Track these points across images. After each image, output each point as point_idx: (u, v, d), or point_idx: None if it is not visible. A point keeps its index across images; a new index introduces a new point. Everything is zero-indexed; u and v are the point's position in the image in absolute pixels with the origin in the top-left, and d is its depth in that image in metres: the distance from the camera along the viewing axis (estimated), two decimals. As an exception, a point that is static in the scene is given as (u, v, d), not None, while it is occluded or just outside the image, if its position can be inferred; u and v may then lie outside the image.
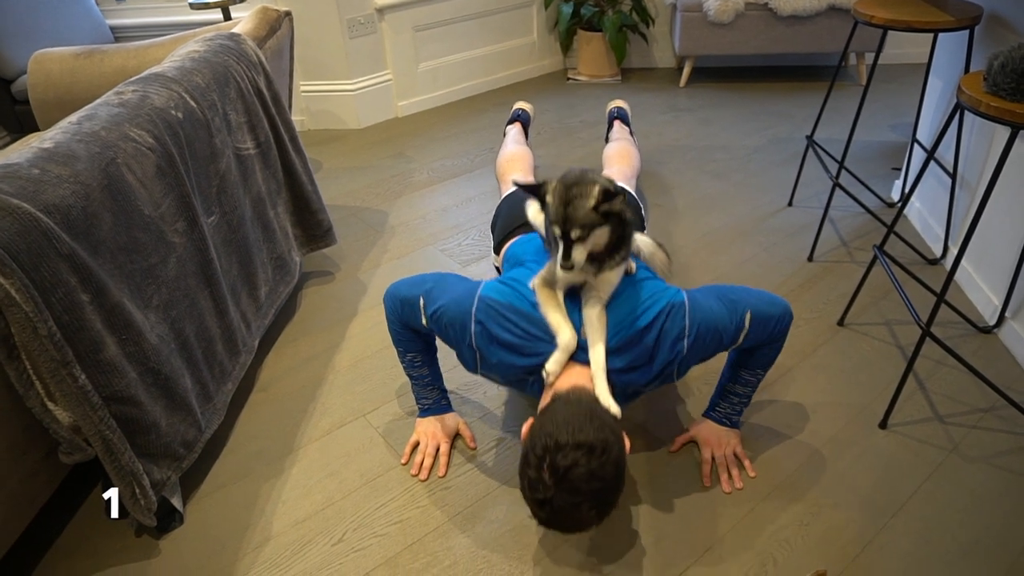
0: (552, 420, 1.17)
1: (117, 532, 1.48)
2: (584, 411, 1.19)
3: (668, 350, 1.33)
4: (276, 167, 1.97)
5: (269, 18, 2.08)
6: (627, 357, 1.33)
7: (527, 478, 1.16)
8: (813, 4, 3.36)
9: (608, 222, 1.25)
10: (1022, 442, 1.56)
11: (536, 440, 1.16)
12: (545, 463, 1.13)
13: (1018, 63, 1.30)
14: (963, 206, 2.07)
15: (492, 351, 1.37)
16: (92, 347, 1.19)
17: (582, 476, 1.11)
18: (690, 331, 1.33)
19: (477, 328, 1.36)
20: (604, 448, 1.14)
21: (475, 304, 1.37)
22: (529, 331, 1.34)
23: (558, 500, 1.12)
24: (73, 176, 1.21)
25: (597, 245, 1.28)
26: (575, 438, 1.13)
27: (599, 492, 1.14)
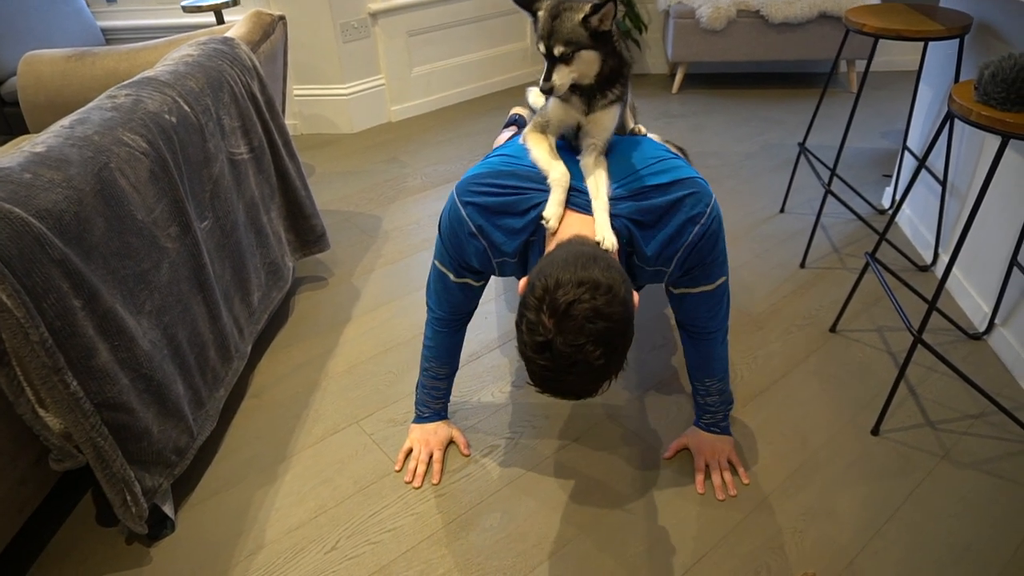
0: (552, 261, 1.05)
1: (108, 539, 1.46)
2: (587, 252, 1.07)
3: (679, 226, 1.24)
4: (270, 172, 1.96)
5: (263, 22, 2.08)
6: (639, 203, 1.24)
7: (525, 321, 1.03)
8: (804, 12, 3.38)
9: (597, 46, 1.17)
10: (1012, 448, 1.57)
11: (535, 281, 1.04)
12: (544, 303, 1.01)
13: (1008, 73, 1.31)
14: (953, 214, 2.09)
15: (491, 224, 1.27)
16: (84, 353, 1.18)
17: (585, 312, 0.99)
18: (706, 220, 1.24)
19: (468, 210, 1.27)
20: (610, 286, 1.02)
21: (454, 195, 1.30)
22: (519, 185, 1.25)
23: (559, 342, 1.00)
24: (66, 181, 1.20)
25: (584, 73, 1.20)
26: (577, 275, 1.01)
27: (605, 332, 1.00)
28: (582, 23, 1.16)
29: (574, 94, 1.25)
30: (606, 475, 1.56)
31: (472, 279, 1.43)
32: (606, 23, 1.17)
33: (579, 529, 1.44)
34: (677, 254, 1.28)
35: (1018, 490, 1.47)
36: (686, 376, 1.83)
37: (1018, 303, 1.75)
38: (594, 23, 1.16)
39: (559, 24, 1.16)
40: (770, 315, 2.04)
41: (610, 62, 1.21)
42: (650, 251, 1.27)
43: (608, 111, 1.26)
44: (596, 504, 1.49)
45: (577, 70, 1.19)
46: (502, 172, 1.28)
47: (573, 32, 1.15)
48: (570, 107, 1.26)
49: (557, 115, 1.29)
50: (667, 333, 1.99)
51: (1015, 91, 1.30)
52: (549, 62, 1.18)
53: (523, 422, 1.71)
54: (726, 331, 1.47)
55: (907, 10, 2.01)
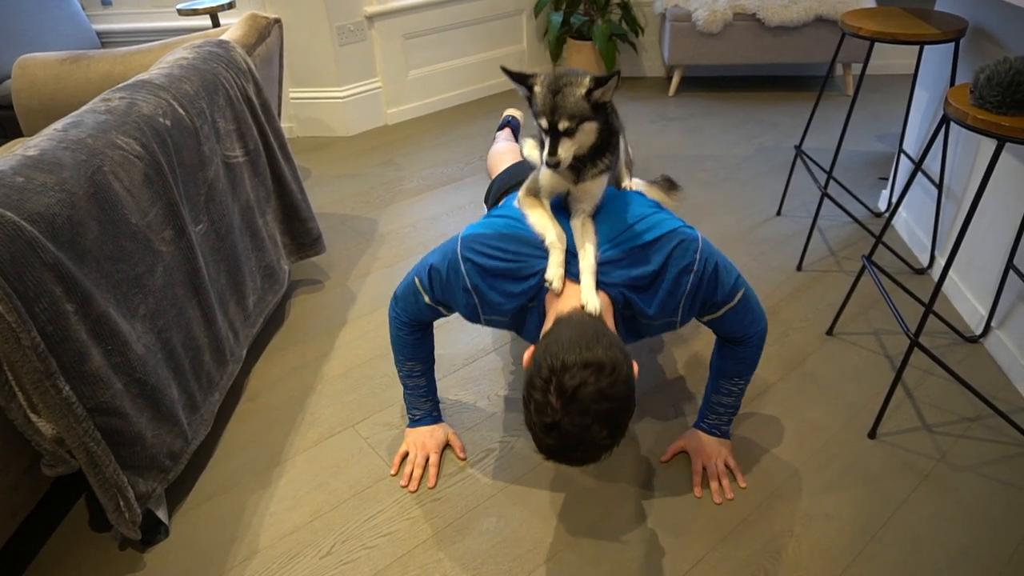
0: (556, 341, 1.10)
1: (101, 545, 1.45)
2: (590, 330, 1.11)
3: (674, 280, 1.27)
4: (265, 175, 1.96)
5: (258, 25, 2.07)
6: (629, 270, 1.27)
7: (533, 402, 1.08)
8: (801, 15, 3.39)
9: (597, 117, 1.19)
10: (1008, 451, 1.57)
11: (541, 362, 1.08)
12: (552, 385, 1.05)
13: (1004, 76, 1.31)
14: (949, 216, 2.09)
15: (488, 285, 1.31)
16: (77, 358, 1.17)
17: (591, 395, 1.04)
18: (699, 267, 1.28)
19: (467, 267, 1.30)
20: (613, 366, 1.06)
21: (459, 245, 1.33)
22: (520, 251, 1.28)
23: (567, 423, 1.04)
24: (59, 184, 1.20)
25: (584, 144, 1.22)
26: (582, 357, 1.05)
27: (610, 412, 1.06)
28: (585, 96, 1.17)
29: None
30: (602, 479, 1.55)
31: (445, 309, 1.45)
32: (608, 95, 1.19)
33: (575, 534, 1.43)
34: (680, 304, 1.31)
35: (1015, 493, 1.47)
36: (683, 380, 1.83)
37: (1014, 306, 1.75)
38: (597, 96, 1.18)
39: (562, 100, 1.17)
40: (767, 318, 2.03)
41: (603, 133, 1.24)
42: (652, 310, 1.31)
43: (597, 180, 1.29)
44: (592, 508, 1.49)
45: (579, 142, 1.21)
46: (506, 236, 1.30)
47: (577, 106, 1.17)
48: (561, 177, 1.29)
49: (548, 183, 1.32)
50: (663, 337, 1.99)
51: (1010, 95, 1.31)
52: (553, 136, 1.19)
53: (519, 426, 1.70)
54: (764, 331, 1.44)
55: (903, 14, 2.01)
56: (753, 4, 3.44)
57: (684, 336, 1.99)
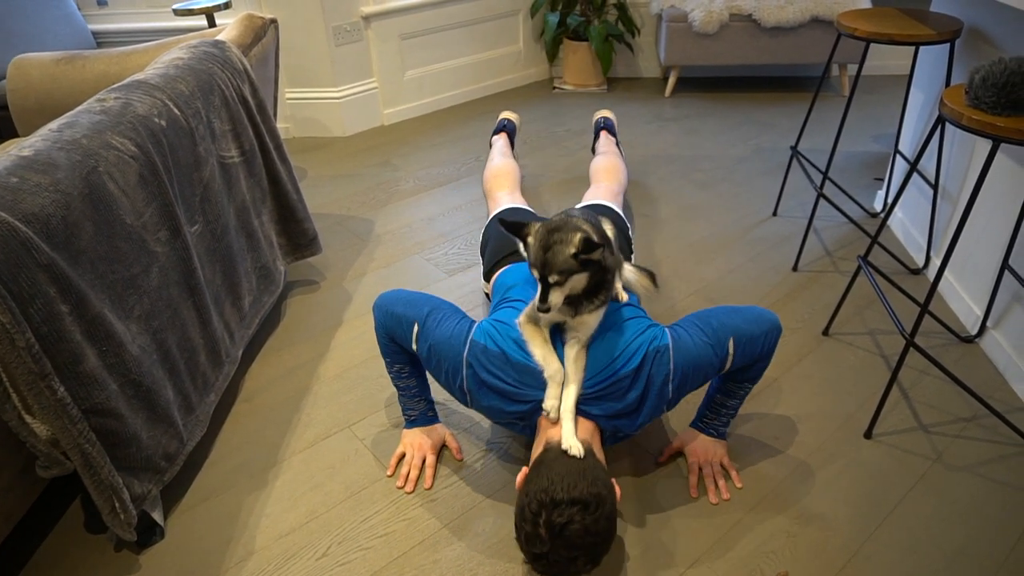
0: (547, 475, 1.20)
1: (96, 547, 1.45)
2: (577, 465, 1.22)
3: (655, 396, 1.36)
4: (261, 175, 1.95)
5: (254, 25, 2.07)
6: (612, 405, 1.36)
7: (524, 532, 1.20)
8: (797, 16, 3.39)
9: (587, 269, 1.27)
10: (1004, 451, 1.57)
11: (532, 496, 1.19)
12: (541, 519, 1.16)
13: (999, 77, 1.31)
14: (945, 217, 2.10)
15: (483, 395, 1.40)
16: (71, 359, 1.17)
17: (577, 532, 1.15)
18: (675, 375, 1.36)
19: (468, 372, 1.39)
20: (598, 503, 1.17)
21: (467, 349, 1.39)
22: (521, 380, 1.37)
23: (554, 555, 1.17)
24: (53, 185, 1.19)
25: (575, 289, 1.30)
26: (570, 495, 1.16)
27: (593, 545, 1.18)
28: (573, 256, 1.25)
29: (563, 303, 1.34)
30: (599, 480, 1.55)
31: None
32: (595, 258, 1.26)
33: (572, 534, 1.43)
34: (667, 403, 1.39)
35: (1011, 493, 1.47)
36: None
37: (1009, 306, 1.76)
38: (584, 258, 1.26)
39: (552, 257, 1.25)
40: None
41: (596, 277, 1.30)
42: (640, 423, 1.40)
43: (593, 314, 1.35)
44: (589, 509, 1.49)
45: (569, 288, 1.29)
46: (511, 362, 1.37)
47: (565, 263, 1.25)
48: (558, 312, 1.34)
49: (546, 317, 1.38)
50: (660, 337, 1.99)
51: (1005, 95, 1.31)
52: (544, 286, 1.27)
53: (516, 426, 1.70)
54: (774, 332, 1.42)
55: (898, 15, 2.02)
56: (749, 5, 3.45)
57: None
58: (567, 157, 3.13)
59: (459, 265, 2.36)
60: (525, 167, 3.03)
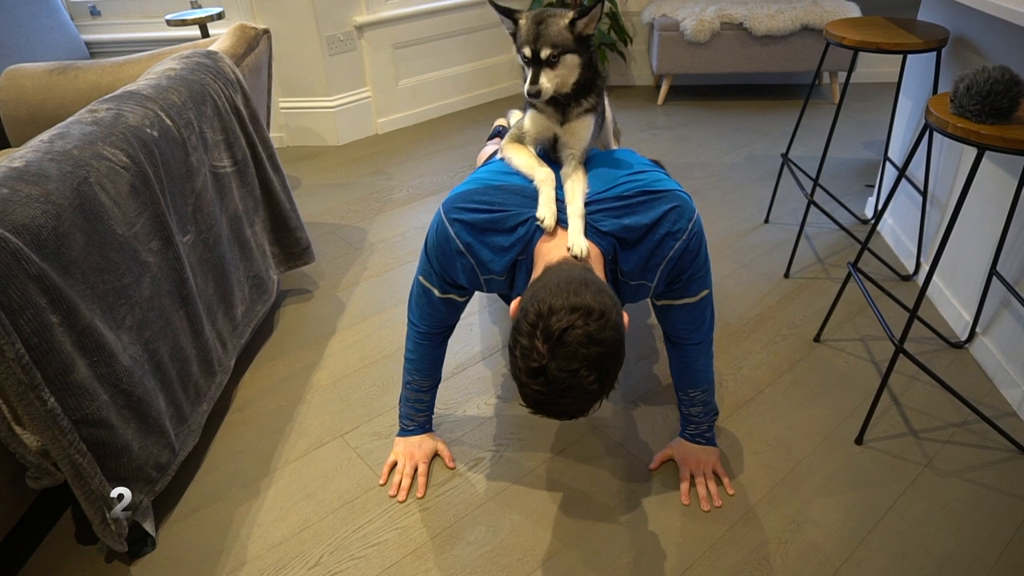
0: (544, 286, 1.07)
1: (87, 558, 1.44)
2: (579, 276, 1.09)
3: (659, 241, 1.25)
4: (253, 185, 1.96)
5: (247, 35, 2.08)
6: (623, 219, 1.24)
7: (519, 347, 1.04)
8: (787, 24, 3.42)
9: (580, 51, 1.20)
10: (993, 456, 1.58)
11: (527, 307, 1.06)
12: (538, 329, 1.02)
13: (983, 86, 1.33)
14: (934, 223, 2.11)
15: (479, 242, 1.27)
16: (62, 369, 1.17)
17: (579, 339, 1.01)
18: (687, 236, 1.26)
19: (455, 227, 1.28)
20: (602, 311, 1.03)
21: (441, 213, 1.31)
22: (505, 201, 1.26)
23: (554, 367, 1.01)
24: (44, 196, 1.20)
25: (566, 79, 1.22)
26: (570, 301, 1.03)
27: (598, 357, 1.02)
28: (569, 27, 1.19)
29: (549, 105, 1.28)
30: (591, 487, 1.55)
31: (456, 295, 1.43)
32: (591, 26, 1.20)
33: (564, 542, 1.43)
34: (659, 268, 1.29)
35: (1000, 498, 1.48)
36: (671, 387, 1.83)
37: (998, 312, 1.77)
38: (580, 27, 1.20)
39: (545, 29, 1.19)
40: (755, 325, 2.05)
41: (586, 71, 1.24)
42: (632, 266, 1.29)
43: (583, 120, 1.28)
44: (582, 517, 1.49)
45: (560, 75, 1.22)
46: (489, 188, 1.28)
47: (560, 35, 1.18)
48: (545, 118, 1.29)
49: (533, 127, 1.32)
50: (652, 344, 2.00)
51: (989, 103, 1.32)
52: (535, 67, 1.21)
53: (508, 435, 1.71)
54: (711, 343, 1.47)
55: (886, 23, 2.04)
56: (740, 14, 3.47)
57: (673, 343, 1.99)
58: (560, 165, 3.14)
59: (452, 273, 2.37)
60: (518, 175, 3.04)
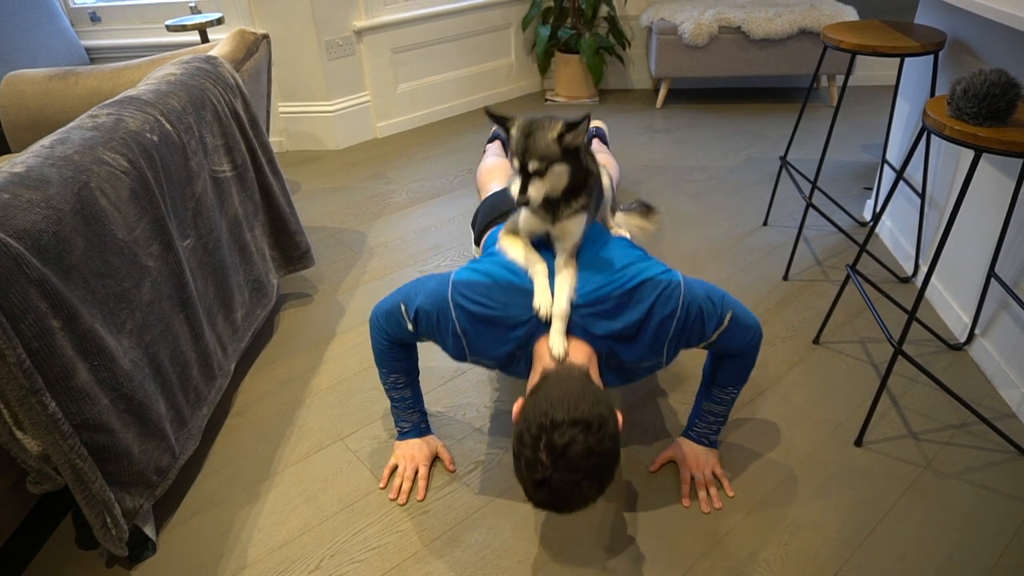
0: (545, 398, 1.13)
1: (88, 563, 1.44)
2: (577, 387, 1.15)
3: (657, 327, 1.30)
4: (253, 189, 1.96)
5: (246, 40, 2.09)
6: (610, 324, 1.29)
7: (523, 459, 1.12)
8: (785, 28, 3.43)
9: (567, 160, 1.23)
10: (993, 458, 1.58)
11: (530, 419, 1.12)
12: (541, 442, 1.09)
13: (979, 88, 1.33)
14: (932, 225, 2.12)
15: (477, 331, 1.33)
16: (63, 374, 1.17)
17: (580, 453, 1.08)
18: (681, 313, 1.31)
19: (457, 312, 1.33)
20: (600, 423, 1.10)
21: (449, 290, 1.35)
22: (509, 301, 1.31)
23: (557, 479, 1.09)
24: (45, 201, 1.20)
25: (555, 185, 1.25)
26: (571, 415, 1.09)
27: (598, 468, 1.11)
28: (556, 140, 1.22)
29: (540, 207, 1.32)
30: (591, 490, 1.55)
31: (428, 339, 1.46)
32: (578, 139, 1.23)
33: (564, 545, 1.44)
34: (665, 346, 1.34)
35: (999, 500, 1.48)
36: (671, 389, 1.84)
37: (997, 313, 1.78)
38: (567, 140, 1.23)
39: (533, 142, 1.23)
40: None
41: (577, 176, 1.27)
42: (637, 355, 1.35)
43: (574, 219, 1.32)
44: (581, 519, 1.49)
45: (549, 183, 1.26)
46: (497, 284, 1.33)
47: (547, 149, 1.22)
48: (538, 218, 1.33)
49: (526, 224, 1.36)
50: (652, 347, 2.00)
51: (986, 106, 1.33)
52: (523, 177, 1.24)
53: (508, 438, 1.71)
54: (760, 336, 1.44)
55: (883, 27, 2.05)
56: (738, 17, 3.48)
57: (672, 346, 2.00)
58: (559, 169, 3.15)
59: (452, 277, 2.37)
60: (517, 179, 3.04)
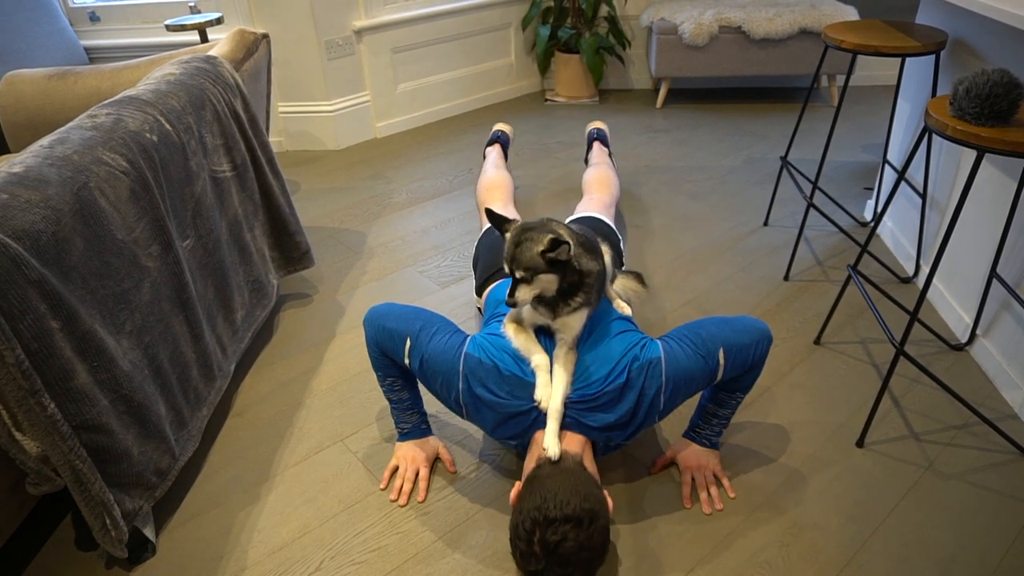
0: (540, 493, 1.21)
1: (87, 564, 1.44)
2: (570, 482, 1.23)
3: (647, 408, 1.37)
4: (253, 189, 1.96)
5: (246, 40, 2.08)
6: (604, 417, 1.36)
7: (519, 550, 1.21)
8: (785, 27, 3.43)
9: (555, 270, 1.29)
10: (994, 459, 1.58)
11: (525, 514, 1.20)
12: (535, 537, 1.18)
13: (982, 88, 1.33)
14: (933, 225, 2.11)
15: (477, 407, 1.40)
16: (62, 375, 1.16)
17: (572, 549, 1.16)
18: (666, 387, 1.37)
19: (464, 386, 1.40)
20: (591, 519, 1.18)
21: (462, 363, 1.40)
22: (513, 393, 1.37)
23: (549, 572, 1.19)
24: (44, 201, 1.19)
25: (545, 290, 1.32)
26: (563, 511, 1.17)
27: (587, 560, 1.19)
28: (540, 255, 1.27)
29: (540, 304, 1.37)
30: (593, 491, 1.55)
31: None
32: (561, 257, 1.28)
33: (566, 546, 1.43)
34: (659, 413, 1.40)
35: (1002, 500, 1.48)
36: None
37: (998, 314, 1.77)
38: (551, 257, 1.27)
39: (519, 252, 1.28)
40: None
41: (569, 278, 1.32)
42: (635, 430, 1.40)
43: (573, 316, 1.37)
44: (583, 521, 1.48)
45: (538, 287, 1.31)
46: (506, 377, 1.38)
47: (532, 260, 1.27)
48: (539, 314, 1.38)
49: (528, 318, 1.42)
50: (653, 347, 2.00)
51: (988, 106, 1.32)
52: (513, 281, 1.31)
53: (509, 438, 1.70)
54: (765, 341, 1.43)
55: (884, 27, 2.04)
56: (738, 17, 3.48)
57: (673, 347, 1.99)
58: (559, 168, 3.15)
59: (452, 277, 2.37)
60: (518, 178, 3.04)
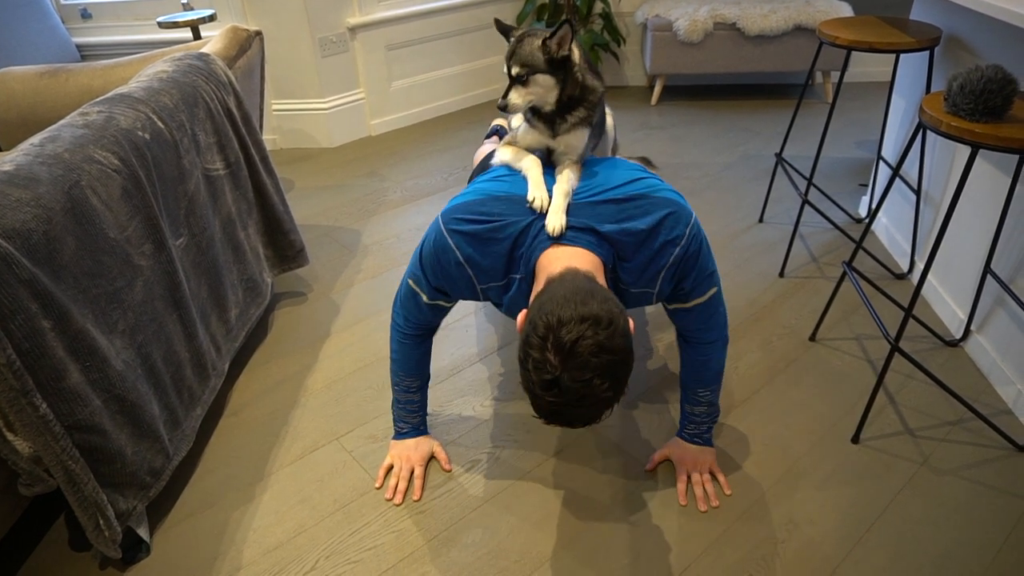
0: (551, 299, 1.07)
1: (81, 565, 1.43)
2: (583, 286, 1.09)
3: (658, 249, 1.25)
4: (246, 187, 1.95)
5: (239, 38, 2.07)
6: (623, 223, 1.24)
7: (531, 361, 1.05)
8: (780, 24, 3.43)
9: (553, 71, 1.22)
10: (989, 454, 1.58)
11: (536, 320, 1.05)
12: (549, 341, 1.02)
13: (976, 84, 1.33)
14: (928, 222, 2.12)
15: (479, 253, 1.28)
16: (54, 375, 1.16)
17: (590, 349, 1.01)
18: (686, 242, 1.26)
19: (455, 239, 1.28)
20: (611, 319, 1.04)
21: (441, 222, 1.31)
22: (503, 211, 1.26)
23: (567, 378, 1.02)
24: (34, 200, 1.18)
25: (541, 96, 1.25)
26: (578, 312, 1.03)
27: (610, 365, 1.03)
28: (541, 47, 1.22)
29: (538, 120, 1.30)
30: (588, 488, 1.55)
31: (444, 300, 1.43)
32: (564, 47, 1.22)
33: (561, 544, 1.43)
34: (660, 275, 1.29)
35: (997, 496, 1.48)
36: (667, 387, 1.83)
37: (992, 310, 1.78)
38: (552, 47, 1.22)
39: (520, 48, 1.24)
40: (750, 325, 2.05)
41: (569, 89, 1.26)
42: (632, 276, 1.29)
43: (574, 132, 1.30)
44: (578, 518, 1.48)
45: (533, 92, 1.25)
46: (488, 198, 1.28)
47: (531, 56, 1.22)
48: (537, 132, 1.32)
49: (524, 140, 1.35)
50: (647, 344, 2.00)
51: (983, 102, 1.33)
52: (509, 82, 1.26)
53: (504, 436, 1.70)
54: (725, 340, 1.45)
55: (879, 23, 2.04)
56: (733, 13, 3.48)
57: (670, 345, 1.99)
58: (554, 166, 3.14)
59: (447, 275, 2.36)
60: (512, 176, 3.03)
